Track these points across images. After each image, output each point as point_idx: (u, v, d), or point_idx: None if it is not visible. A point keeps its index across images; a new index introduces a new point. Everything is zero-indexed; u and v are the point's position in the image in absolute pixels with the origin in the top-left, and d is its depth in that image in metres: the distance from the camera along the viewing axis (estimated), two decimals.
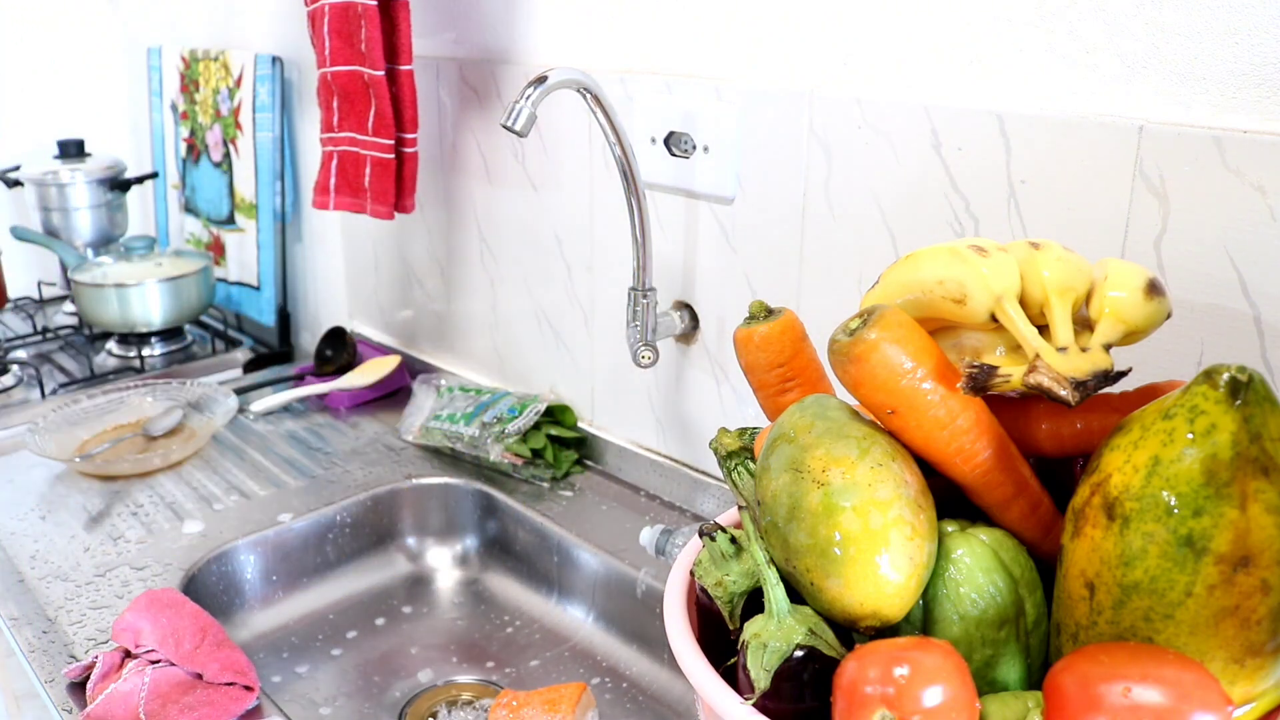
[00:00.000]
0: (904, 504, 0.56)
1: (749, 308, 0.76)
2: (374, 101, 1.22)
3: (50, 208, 1.82)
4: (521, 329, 1.34)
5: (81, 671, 0.90)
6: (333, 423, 1.43)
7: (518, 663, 1.06)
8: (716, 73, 1.02)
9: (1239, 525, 0.48)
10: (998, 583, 0.56)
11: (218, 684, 0.89)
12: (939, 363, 0.59)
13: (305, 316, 1.77)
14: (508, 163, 1.28)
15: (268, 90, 1.63)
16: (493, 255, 1.35)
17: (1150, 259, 0.75)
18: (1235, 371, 0.49)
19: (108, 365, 1.66)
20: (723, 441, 0.73)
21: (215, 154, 1.79)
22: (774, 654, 0.56)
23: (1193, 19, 0.71)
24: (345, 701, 1.00)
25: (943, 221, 0.87)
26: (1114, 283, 0.59)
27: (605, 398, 1.25)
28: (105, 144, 2.05)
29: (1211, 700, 0.46)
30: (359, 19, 1.19)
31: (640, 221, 1.01)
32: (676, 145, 1.06)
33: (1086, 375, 0.55)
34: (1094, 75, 0.77)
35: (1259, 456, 0.48)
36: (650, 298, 1.04)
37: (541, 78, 0.90)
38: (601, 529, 1.14)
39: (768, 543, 0.60)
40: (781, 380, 0.74)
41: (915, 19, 0.86)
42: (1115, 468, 0.52)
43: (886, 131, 0.89)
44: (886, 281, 0.65)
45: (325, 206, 1.33)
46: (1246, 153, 0.69)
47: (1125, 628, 0.51)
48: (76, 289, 1.64)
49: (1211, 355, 0.74)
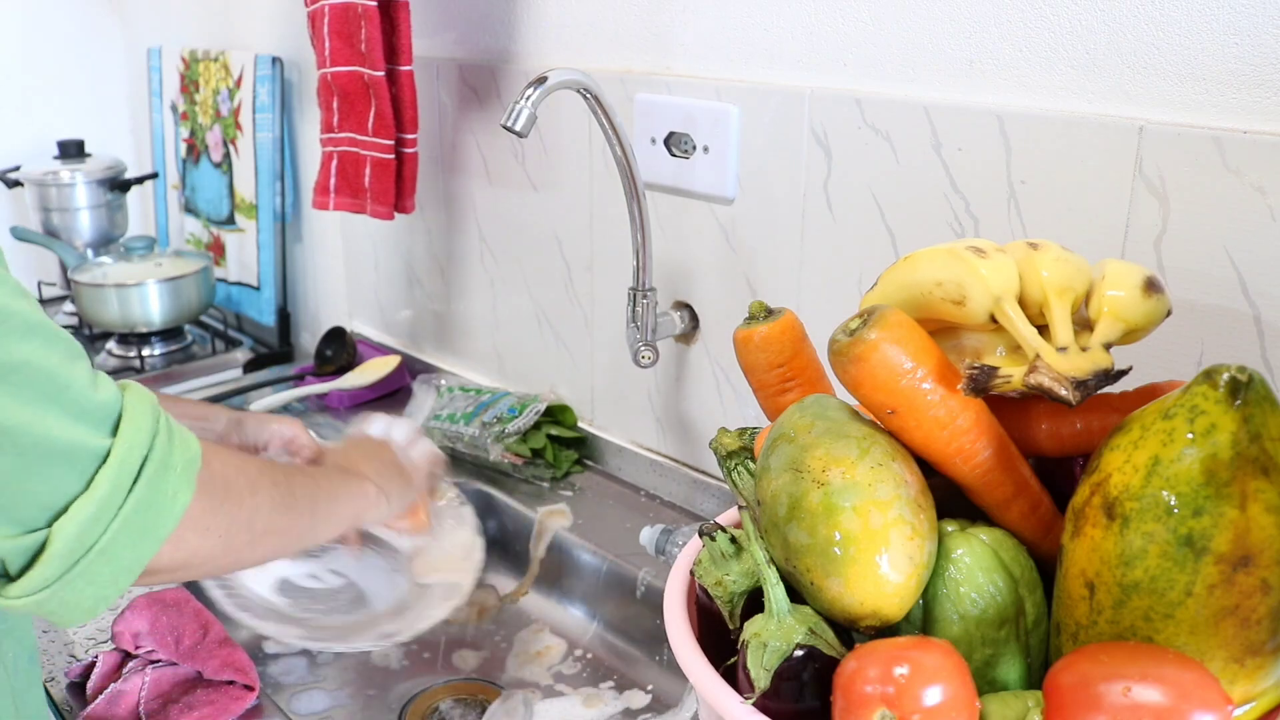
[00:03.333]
0: (904, 504, 0.56)
1: (749, 308, 0.76)
2: (374, 102, 1.22)
3: (50, 208, 1.82)
4: (521, 329, 1.34)
5: (81, 671, 0.90)
6: (333, 423, 1.43)
7: (518, 663, 1.06)
8: (716, 73, 1.02)
9: (1239, 525, 0.48)
10: (998, 582, 0.56)
11: (218, 683, 0.89)
12: (939, 363, 0.59)
13: (305, 316, 1.77)
14: (508, 163, 1.28)
15: (268, 91, 1.63)
16: (493, 255, 1.35)
17: (1150, 259, 0.75)
18: (1235, 371, 0.49)
19: (108, 365, 1.66)
20: (723, 441, 0.73)
21: (215, 154, 1.79)
22: (774, 653, 0.56)
23: (1193, 19, 0.71)
24: (346, 700, 1.00)
25: (942, 221, 0.87)
26: (1112, 282, 0.59)
27: (605, 398, 1.25)
28: (105, 144, 2.04)
29: (1211, 700, 0.46)
30: (359, 19, 1.19)
31: (640, 221, 1.01)
32: (676, 145, 1.06)
33: (1087, 375, 0.55)
34: (1094, 75, 0.77)
35: (1259, 456, 0.48)
36: (650, 298, 1.04)
37: (541, 78, 0.90)
38: (601, 529, 1.14)
39: (768, 542, 0.60)
40: (781, 380, 0.75)
41: (915, 19, 0.86)
42: (1115, 468, 0.52)
43: (886, 131, 0.89)
44: (885, 283, 0.65)
45: (325, 207, 1.33)
46: (1246, 153, 0.69)
47: (1125, 627, 0.51)
48: (76, 289, 1.64)
49: (1211, 355, 0.74)
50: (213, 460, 0.64)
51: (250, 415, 0.97)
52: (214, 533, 0.64)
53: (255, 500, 0.67)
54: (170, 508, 0.59)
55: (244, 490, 0.67)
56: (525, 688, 1.01)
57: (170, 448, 0.60)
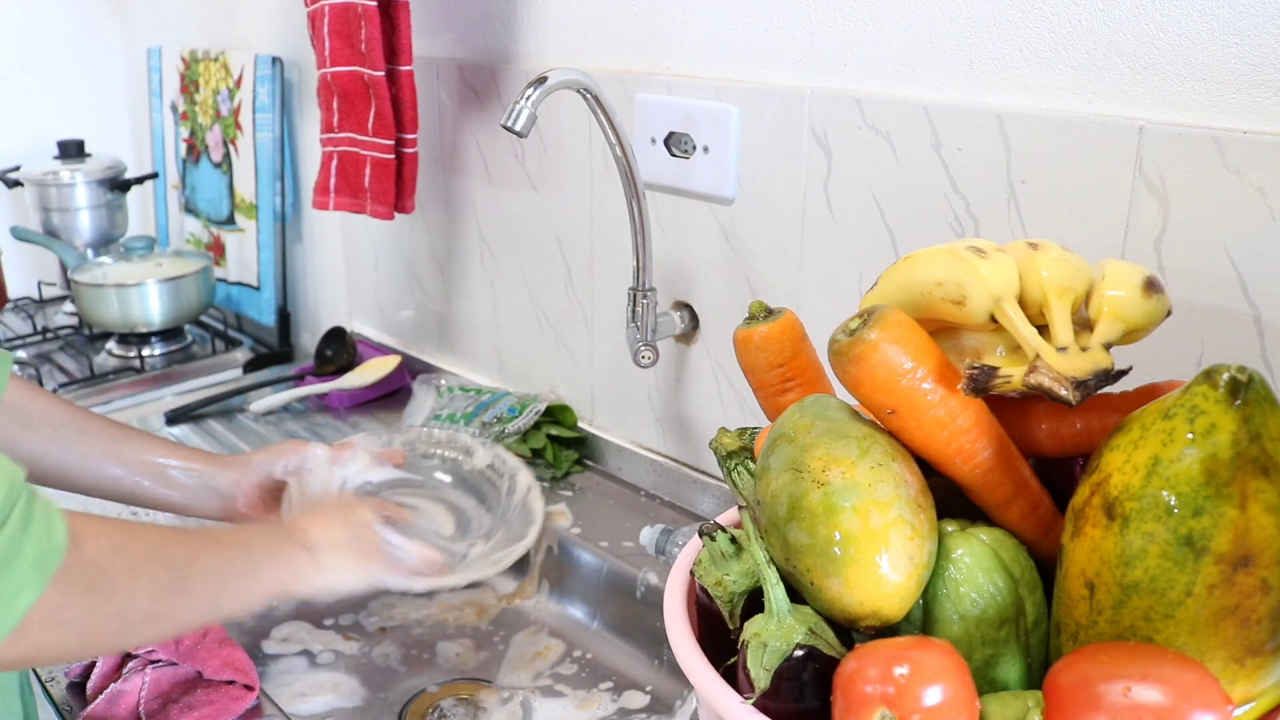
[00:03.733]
0: (904, 504, 0.56)
1: (749, 308, 0.76)
2: (374, 102, 1.22)
3: (50, 208, 1.82)
4: (521, 329, 1.34)
5: (81, 671, 0.90)
6: (333, 423, 1.43)
7: (518, 663, 1.06)
8: (716, 73, 1.02)
9: (1239, 525, 0.48)
10: (998, 582, 0.56)
11: (218, 682, 0.89)
12: (939, 363, 0.59)
13: (305, 316, 1.77)
14: (508, 163, 1.28)
15: (268, 91, 1.63)
16: (493, 255, 1.35)
17: (1150, 259, 0.75)
18: (1235, 371, 0.49)
19: (108, 365, 1.66)
20: (723, 441, 0.73)
21: (215, 154, 1.79)
22: (774, 653, 0.56)
23: (1193, 19, 0.71)
24: (345, 700, 1.00)
25: (942, 222, 0.87)
26: (1112, 282, 0.59)
27: (605, 398, 1.25)
28: (105, 144, 2.04)
29: (1211, 699, 0.46)
30: (359, 19, 1.19)
31: (640, 221, 1.01)
32: (676, 145, 1.06)
33: (1087, 374, 0.55)
34: (1094, 75, 0.77)
35: (1259, 456, 0.48)
36: (650, 298, 1.04)
37: (541, 78, 0.90)
38: (601, 529, 1.14)
39: (768, 542, 0.60)
40: (781, 380, 0.75)
41: (915, 19, 0.86)
42: (1115, 468, 0.52)
43: (886, 131, 0.89)
44: (885, 283, 0.65)
45: (325, 207, 1.33)
46: (1246, 153, 0.69)
47: (1125, 627, 0.51)
48: (76, 289, 1.64)
49: (1211, 355, 0.74)
50: (87, 545, 0.60)
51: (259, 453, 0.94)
52: (71, 626, 0.60)
53: (135, 588, 0.63)
54: (10, 605, 0.55)
55: (121, 578, 0.62)
56: (525, 688, 1.01)
57: (23, 539, 0.56)
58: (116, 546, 0.63)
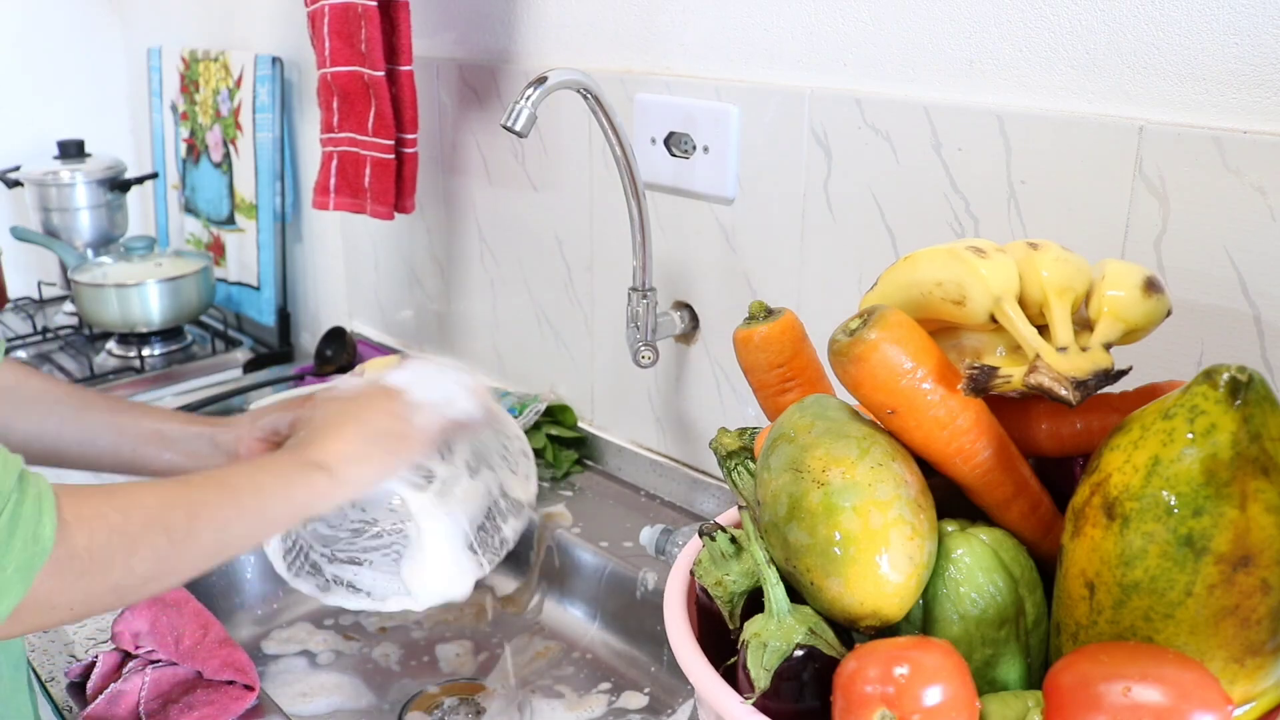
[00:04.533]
0: (904, 504, 0.56)
1: (749, 308, 0.76)
2: (374, 102, 1.22)
3: (50, 208, 1.82)
4: (521, 329, 1.34)
5: (81, 671, 0.90)
6: None
7: (518, 663, 1.06)
8: (716, 73, 1.02)
9: (1239, 525, 0.48)
10: (998, 582, 0.56)
11: (218, 682, 0.89)
12: (939, 363, 0.59)
13: (305, 316, 1.77)
14: (508, 163, 1.28)
15: (268, 91, 1.63)
16: (493, 255, 1.35)
17: (1150, 259, 0.75)
18: (1235, 371, 0.49)
19: (108, 365, 1.66)
20: (723, 441, 0.73)
21: (215, 154, 1.79)
22: (774, 653, 0.56)
23: (1193, 19, 0.71)
24: (345, 700, 1.00)
25: (942, 222, 0.87)
26: (1112, 282, 0.59)
27: (605, 398, 1.25)
28: (105, 144, 2.04)
29: (1211, 699, 0.46)
30: (359, 19, 1.19)
31: (640, 221, 1.01)
32: (676, 145, 1.06)
33: (1087, 374, 0.55)
34: (1094, 75, 0.77)
35: (1259, 456, 0.48)
36: (650, 298, 1.04)
37: (541, 78, 0.90)
38: (601, 529, 1.14)
39: (768, 542, 0.60)
40: (781, 380, 0.75)
41: (915, 19, 0.86)
42: (1115, 468, 0.52)
43: (886, 131, 0.89)
44: (885, 283, 0.65)
45: (325, 207, 1.33)
46: (1246, 153, 0.69)
47: (1125, 627, 0.51)
48: (76, 289, 1.64)
49: (1211, 355, 0.74)
50: (78, 535, 0.59)
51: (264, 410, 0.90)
52: (62, 607, 0.60)
53: (132, 562, 0.62)
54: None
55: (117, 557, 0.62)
56: (524, 688, 1.01)
57: (8, 546, 0.56)
58: (113, 526, 0.62)
